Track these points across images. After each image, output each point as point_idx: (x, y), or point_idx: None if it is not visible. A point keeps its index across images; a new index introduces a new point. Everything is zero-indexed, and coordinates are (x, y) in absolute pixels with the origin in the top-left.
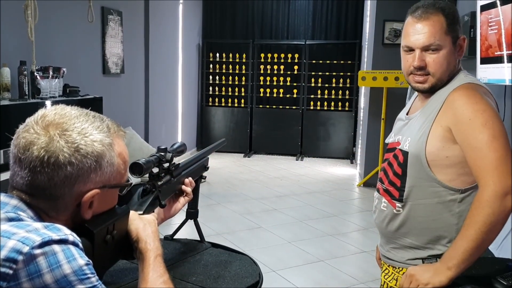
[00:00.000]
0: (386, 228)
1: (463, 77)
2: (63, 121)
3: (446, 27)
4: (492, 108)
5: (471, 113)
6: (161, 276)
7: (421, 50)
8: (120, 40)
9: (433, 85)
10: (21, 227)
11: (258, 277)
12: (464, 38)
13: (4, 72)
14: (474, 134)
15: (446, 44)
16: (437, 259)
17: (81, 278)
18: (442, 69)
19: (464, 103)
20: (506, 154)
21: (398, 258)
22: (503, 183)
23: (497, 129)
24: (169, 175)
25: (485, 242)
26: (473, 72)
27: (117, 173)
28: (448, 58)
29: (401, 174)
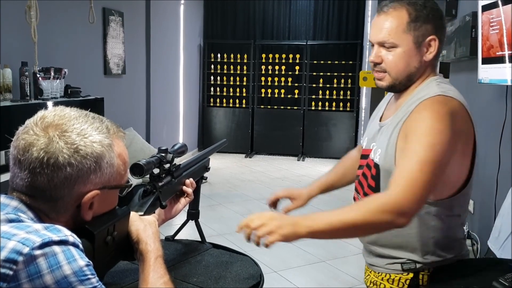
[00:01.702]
0: (364, 238)
1: (435, 86)
2: (63, 122)
3: (406, 25)
4: (451, 132)
5: (427, 129)
6: (162, 277)
7: (378, 45)
8: (121, 40)
9: (391, 84)
10: (21, 228)
11: (259, 277)
12: (435, 39)
13: (6, 73)
14: (417, 148)
15: (404, 43)
16: (416, 264)
17: (81, 279)
18: (397, 68)
19: (426, 118)
20: (429, 182)
21: (378, 263)
22: (406, 203)
23: (441, 156)
24: (170, 176)
25: (351, 232)
26: (475, 72)
27: (117, 174)
28: (405, 58)
29: (374, 187)
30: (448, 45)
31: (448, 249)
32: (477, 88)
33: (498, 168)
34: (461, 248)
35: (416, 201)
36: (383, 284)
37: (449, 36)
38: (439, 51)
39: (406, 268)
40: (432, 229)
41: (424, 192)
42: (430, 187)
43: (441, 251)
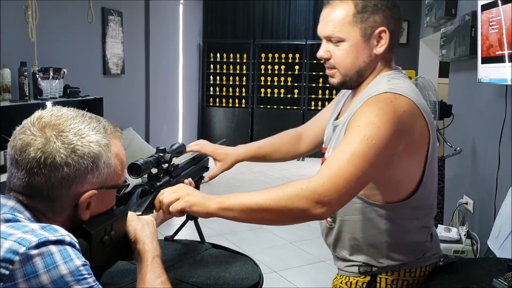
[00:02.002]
0: (326, 241)
1: (385, 83)
2: (60, 122)
3: (352, 17)
4: (390, 130)
5: (365, 122)
6: (159, 277)
7: (326, 40)
8: (120, 40)
9: (341, 81)
10: (18, 228)
11: (259, 278)
12: (385, 31)
13: (5, 73)
14: (352, 140)
15: (351, 36)
16: (372, 268)
17: (78, 279)
18: (345, 64)
19: (367, 111)
20: (357, 176)
21: (339, 266)
22: (329, 194)
23: (374, 152)
24: (168, 176)
25: (264, 216)
26: (474, 72)
27: (114, 174)
28: (353, 52)
29: None
30: (448, 45)
31: (407, 253)
32: (477, 88)
33: (498, 168)
34: (426, 250)
35: (337, 192)
36: (342, 287)
37: (449, 36)
38: (391, 43)
39: (362, 271)
40: (385, 233)
41: (347, 184)
42: (356, 180)
43: (397, 255)
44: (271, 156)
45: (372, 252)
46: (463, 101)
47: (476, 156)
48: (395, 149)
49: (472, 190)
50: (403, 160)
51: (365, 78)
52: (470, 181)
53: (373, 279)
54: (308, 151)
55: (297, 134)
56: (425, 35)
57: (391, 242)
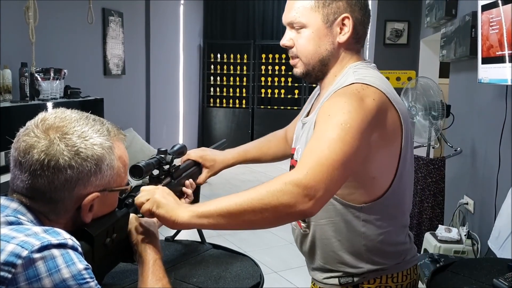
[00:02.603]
0: (301, 248)
1: (351, 74)
2: (63, 125)
3: (314, 3)
4: (361, 115)
5: (335, 110)
6: (160, 280)
7: (289, 27)
8: (121, 41)
9: (305, 71)
10: (21, 231)
11: (259, 278)
12: (348, 17)
13: (5, 74)
14: (326, 128)
15: (313, 22)
16: (353, 278)
17: (80, 283)
18: (307, 51)
19: (335, 101)
20: (339, 160)
21: (317, 278)
22: (315, 184)
23: (351, 135)
24: (170, 177)
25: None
26: (475, 72)
27: (117, 176)
28: (315, 39)
29: None
30: (448, 45)
31: (386, 255)
32: (477, 88)
33: (498, 168)
34: (405, 253)
35: (322, 181)
36: None
37: (449, 36)
38: (357, 32)
39: (343, 283)
40: (363, 236)
41: (332, 171)
42: (340, 167)
43: (378, 258)
44: (259, 159)
45: (350, 258)
46: (463, 101)
47: (477, 156)
48: (369, 137)
49: (473, 191)
50: (378, 153)
51: (329, 68)
52: (471, 181)
53: None
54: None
55: (283, 136)
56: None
57: (370, 244)
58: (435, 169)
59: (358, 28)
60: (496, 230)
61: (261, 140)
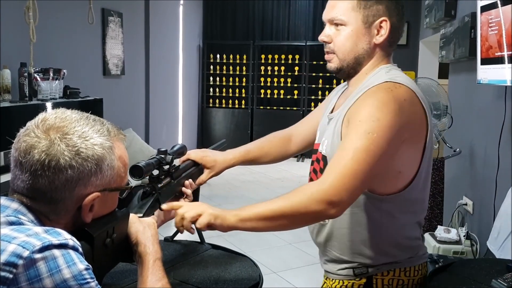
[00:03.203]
0: (317, 240)
1: (384, 74)
2: (64, 125)
3: (356, 3)
4: (390, 121)
5: (365, 116)
6: (160, 280)
7: (329, 23)
8: (120, 41)
9: (339, 67)
10: (22, 231)
11: (258, 278)
12: (386, 21)
13: (5, 74)
14: (353, 136)
15: (353, 21)
16: (368, 269)
17: (80, 283)
18: (344, 48)
19: (366, 105)
20: (362, 171)
21: (330, 269)
22: (337, 194)
23: (376, 145)
24: (169, 177)
25: (281, 222)
26: (474, 73)
27: (117, 176)
28: (353, 37)
29: None
30: (447, 46)
31: (401, 249)
32: (476, 89)
33: (497, 169)
34: (418, 249)
35: (345, 190)
36: None
37: (448, 37)
38: (392, 36)
39: (358, 273)
40: (383, 227)
41: (354, 181)
42: (362, 176)
43: (394, 250)
44: (260, 159)
45: (367, 249)
46: (463, 102)
47: (476, 157)
48: (400, 138)
49: (472, 191)
50: (406, 149)
51: (362, 66)
52: (470, 182)
53: (369, 280)
54: (298, 152)
55: (287, 136)
56: (424, 36)
57: (388, 236)
58: (434, 170)
59: (393, 32)
60: (495, 230)
61: (262, 140)
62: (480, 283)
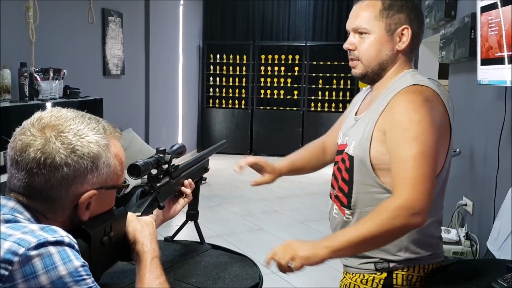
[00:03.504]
0: None
1: (410, 78)
2: (59, 123)
3: (378, 12)
4: (430, 119)
5: (406, 122)
6: (157, 278)
7: (353, 32)
8: (120, 41)
9: (363, 72)
10: (17, 228)
11: (258, 278)
12: (407, 28)
13: (5, 73)
14: (404, 145)
15: (376, 29)
16: (389, 264)
17: (76, 280)
18: (368, 55)
19: (403, 110)
20: (427, 173)
21: (352, 264)
22: (415, 201)
23: (428, 146)
24: (168, 177)
25: (371, 244)
26: (474, 73)
27: (113, 174)
28: (377, 45)
29: (348, 179)
30: (447, 46)
31: (423, 246)
32: (476, 89)
33: (497, 169)
34: (437, 247)
35: (423, 197)
36: (357, 285)
37: (448, 37)
38: (413, 42)
39: (379, 268)
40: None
41: (426, 185)
42: (431, 178)
43: (415, 247)
44: (303, 169)
45: (390, 245)
46: (463, 102)
47: (476, 157)
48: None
49: (472, 192)
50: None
51: (385, 72)
52: (470, 182)
53: (390, 275)
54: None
55: (322, 145)
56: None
57: (411, 233)
58: None
59: (414, 39)
60: (495, 231)
61: (302, 150)
62: (480, 283)
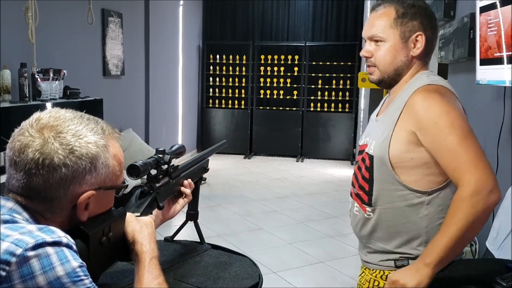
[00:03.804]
0: (360, 232)
1: (425, 78)
2: (58, 124)
3: (393, 21)
4: (455, 108)
5: (435, 116)
6: (156, 278)
7: (369, 40)
8: (120, 42)
9: (380, 78)
10: (15, 229)
11: (258, 278)
12: (421, 35)
13: (5, 74)
14: (443, 136)
15: (391, 37)
16: (408, 260)
17: (74, 280)
18: (384, 61)
19: (426, 107)
20: (480, 152)
21: (372, 260)
22: (485, 181)
23: (464, 129)
24: (168, 177)
25: (465, 240)
26: (473, 73)
27: (112, 175)
28: (392, 52)
29: (368, 178)
30: (446, 46)
31: None
32: (475, 89)
33: (497, 169)
34: None
35: (488, 172)
36: (377, 281)
37: (447, 37)
38: (427, 48)
39: (399, 265)
40: (425, 218)
41: (484, 161)
42: (483, 154)
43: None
44: None
45: (411, 239)
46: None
47: None
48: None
49: None
50: None
51: (402, 77)
52: None
53: None
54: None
55: None
56: None
57: (430, 227)
58: None
59: (428, 44)
60: (494, 230)
61: None
62: (479, 283)
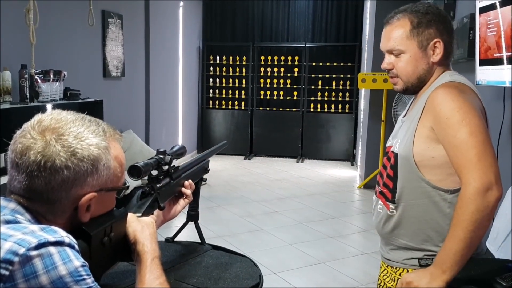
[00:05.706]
0: (383, 229)
1: (448, 77)
2: (59, 126)
3: (409, 32)
4: (470, 105)
5: (448, 111)
6: (158, 278)
7: (388, 53)
8: (120, 43)
9: (404, 88)
10: (18, 229)
11: (258, 279)
12: (439, 41)
13: (5, 75)
14: (452, 132)
15: (410, 48)
16: (432, 259)
17: (76, 280)
18: (406, 72)
19: (441, 102)
20: (484, 149)
21: (396, 258)
22: (482, 179)
23: (474, 125)
24: (169, 178)
25: (474, 240)
26: (473, 74)
27: (113, 176)
28: (413, 62)
29: (392, 175)
30: None
31: None
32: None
33: None
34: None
35: (487, 170)
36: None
37: None
38: (446, 51)
39: (423, 264)
40: (448, 216)
41: (487, 159)
42: (488, 152)
43: None
44: None
45: (434, 236)
46: None
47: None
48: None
49: None
50: None
51: (425, 83)
52: None
53: None
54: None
55: None
56: None
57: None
58: None
59: (447, 47)
60: (494, 231)
61: None
62: (479, 283)
